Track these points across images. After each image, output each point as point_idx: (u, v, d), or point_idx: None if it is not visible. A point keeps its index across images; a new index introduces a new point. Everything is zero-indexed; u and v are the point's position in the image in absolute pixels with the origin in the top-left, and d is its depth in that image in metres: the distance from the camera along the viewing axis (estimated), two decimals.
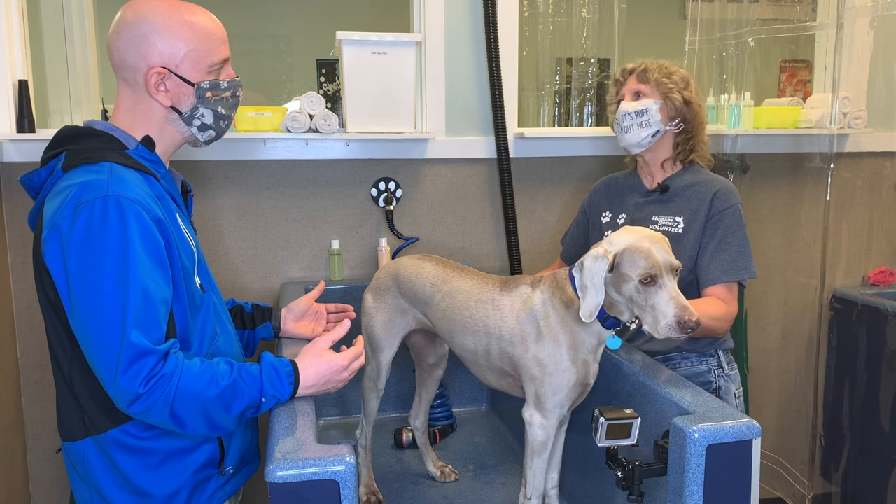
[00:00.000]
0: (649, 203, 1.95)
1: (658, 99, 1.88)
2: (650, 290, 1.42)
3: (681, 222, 1.87)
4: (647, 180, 1.99)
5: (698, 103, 1.92)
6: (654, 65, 1.91)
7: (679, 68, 1.93)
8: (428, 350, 1.95)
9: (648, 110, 1.87)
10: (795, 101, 2.76)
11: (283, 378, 1.36)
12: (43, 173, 1.37)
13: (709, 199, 1.84)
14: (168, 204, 1.39)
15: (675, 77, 1.89)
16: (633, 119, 1.89)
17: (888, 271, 2.85)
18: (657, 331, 1.41)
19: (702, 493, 1.27)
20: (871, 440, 2.63)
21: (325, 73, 2.57)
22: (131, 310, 1.21)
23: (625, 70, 1.96)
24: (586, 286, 1.44)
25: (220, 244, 2.48)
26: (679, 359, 1.89)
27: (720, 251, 1.80)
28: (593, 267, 1.44)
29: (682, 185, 1.91)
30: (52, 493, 2.46)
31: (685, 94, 1.88)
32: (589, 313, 1.44)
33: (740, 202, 1.87)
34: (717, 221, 1.83)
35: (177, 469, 1.38)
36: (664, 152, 1.94)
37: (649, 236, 1.46)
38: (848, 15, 2.59)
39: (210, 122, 1.44)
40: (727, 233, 1.82)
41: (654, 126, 1.88)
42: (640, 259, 1.42)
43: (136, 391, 1.21)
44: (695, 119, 1.91)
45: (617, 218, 2.00)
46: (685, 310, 1.40)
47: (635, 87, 1.91)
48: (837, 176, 2.74)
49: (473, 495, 1.95)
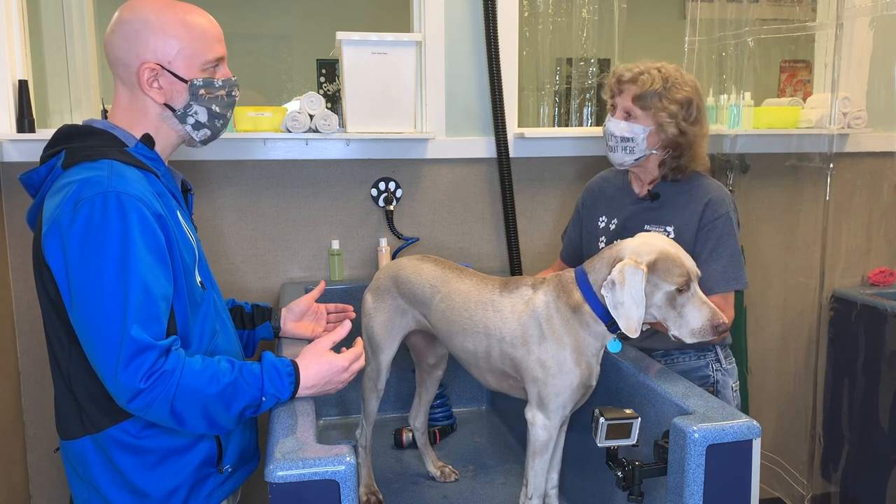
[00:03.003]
0: (640, 211, 1.91)
1: (649, 126, 1.78)
2: (683, 296, 1.44)
3: (671, 232, 1.83)
4: (637, 185, 1.94)
5: (695, 132, 1.79)
6: (658, 83, 1.75)
7: (686, 83, 1.78)
8: (428, 350, 1.95)
9: (635, 138, 1.79)
10: (795, 101, 2.76)
11: (283, 377, 1.36)
12: (42, 171, 1.37)
13: (700, 209, 1.80)
14: (169, 201, 1.39)
15: (675, 107, 1.76)
16: (619, 142, 1.82)
17: (888, 271, 2.85)
18: (688, 335, 1.45)
19: (702, 493, 1.28)
20: (870, 440, 2.63)
21: (325, 73, 2.57)
22: (132, 305, 1.22)
23: (622, 80, 1.81)
24: (623, 302, 1.42)
25: (220, 244, 2.48)
26: (678, 354, 1.88)
27: (712, 261, 1.77)
28: (632, 281, 1.41)
29: (672, 194, 1.86)
30: (52, 493, 2.46)
31: (682, 125, 1.77)
32: (634, 328, 1.42)
33: (732, 209, 1.82)
34: (708, 231, 1.79)
35: (175, 468, 1.38)
36: (650, 172, 1.89)
37: (670, 242, 1.48)
38: (848, 15, 2.59)
39: (204, 121, 1.44)
40: (719, 242, 1.78)
41: (638, 153, 1.81)
42: (674, 267, 1.43)
43: (136, 387, 1.21)
44: (687, 144, 1.80)
45: (610, 223, 1.96)
46: (715, 313, 1.44)
47: (629, 106, 1.79)
48: (837, 176, 2.74)
49: (473, 495, 1.95)
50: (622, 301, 1.42)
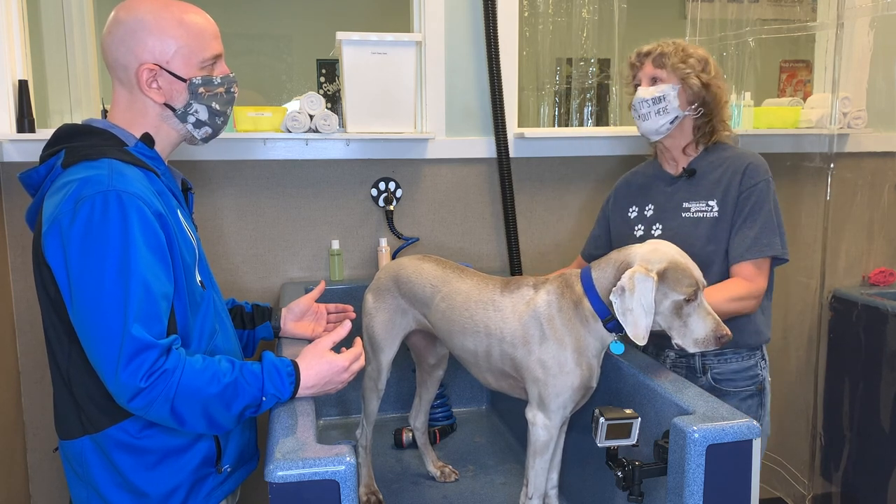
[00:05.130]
0: (677, 190, 1.89)
1: (676, 84, 1.82)
2: (689, 306, 1.44)
3: (714, 206, 1.82)
4: (670, 166, 1.94)
5: (718, 84, 1.84)
6: (670, 47, 1.83)
7: (697, 48, 1.86)
8: (428, 350, 1.95)
9: (666, 97, 1.82)
10: (795, 101, 2.76)
11: (283, 377, 1.36)
12: (42, 171, 1.37)
13: (739, 177, 1.80)
14: (169, 200, 1.39)
15: (693, 60, 1.82)
16: (651, 106, 1.83)
17: (888, 271, 2.85)
18: (691, 345, 1.45)
19: (702, 493, 1.27)
20: (870, 440, 2.63)
21: (325, 73, 2.57)
22: (132, 303, 1.21)
23: (640, 53, 1.88)
24: (632, 309, 1.41)
25: (220, 244, 2.48)
26: (731, 354, 1.86)
27: (745, 227, 1.77)
28: (642, 289, 1.41)
29: (709, 167, 1.86)
30: (52, 493, 2.46)
31: (703, 76, 1.82)
32: (642, 336, 1.42)
33: (770, 177, 1.81)
34: (745, 198, 1.78)
35: (174, 467, 1.38)
36: (684, 138, 1.88)
37: (678, 251, 1.48)
38: (848, 15, 2.59)
39: (205, 119, 1.44)
40: (754, 209, 1.77)
41: (672, 113, 1.83)
42: (684, 277, 1.43)
43: (137, 385, 1.21)
44: (714, 101, 1.84)
45: (644, 210, 1.94)
46: (719, 324, 1.45)
47: (652, 72, 1.84)
48: (837, 176, 2.74)
49: (473, 495, 1.95)
50: (631, 308, 1.41)
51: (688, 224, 1.84)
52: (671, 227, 1.87)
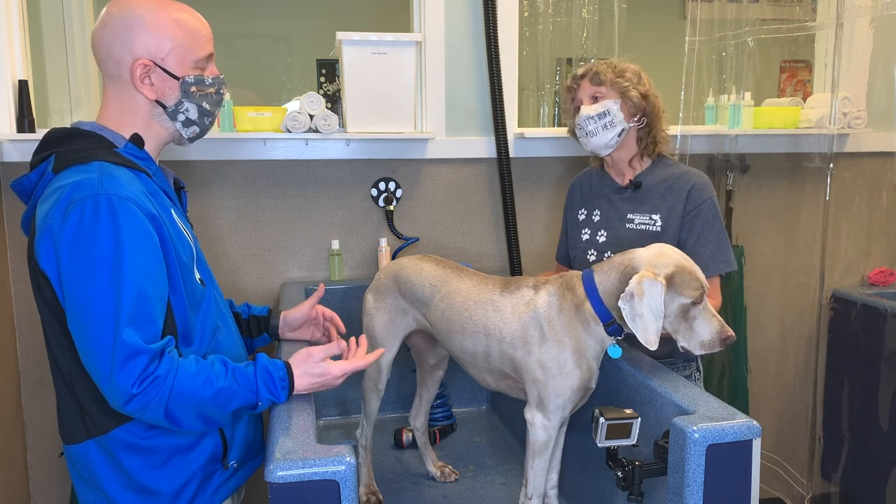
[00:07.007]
0: (623, 200, 1.94)
1: (616, 98, 1.86)
2: (695, 309, 1.45)
3: (658, 220, 1.87)
4: (617, 178, 1.98)
5: (654, 94, 1.89)
6: (603, 65, 1.89)
7: (629, 64, 1.91)
8: (429, 350, 1.95)
9: (610, 111, 1.86)
10: (795, 101, 2.76)
11: (276, 382, 1.36)
12: (33, 177, 1.37)
13: (684, 195, 1.85)
14: (162, 200, 1.38)
15: (629, 73, 1.87)
16: (597, 122, 1.87)
17: (888, 271, 2.85)
18: (697, 347, 1.46)
19: (702, 493, 1.28)
20: (870, 440, 2.63)
21: (325, 73, 2.57)
22: (124, 307, 1.21)
23: (575, 76, 1.93)
24: (642, 314, 1.41)
25: (220, 244, 2.48)
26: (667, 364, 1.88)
27: (700, 246, 1.82)
28: (651, 294, 1.41)
29: (654, 181, 1.91)
30: (52, 493, 2.46)
31: (640, 88, 1.87)
32: (653, 341, 1.42)
33: (714, 195, 1.88)
34: (693, 217, 1.84)
35: (181, 466, 1.39)
36: (630, 150, 1.93)
37: (683, 255, 1.48)
38: (848, 15, 2.59)
39: (195, 118, 1.44)
40: (705, 228, 1.83)
41: (618, 126, 1.87)
42: (691, 281, 1.43)
43: (129, 391, 1.21)
44: (653, 112, 1.89)
45: (592, 215, 1.99)
46: (724, 326, 1.46)
47: (591, 90, 1.89)
48: (837, 176, 2.74)
49: (473, 495, 1.95)
50: (641, 314, 1.41)
51: (631, 235, 1.89)
52: (616, 236, 1.92)
